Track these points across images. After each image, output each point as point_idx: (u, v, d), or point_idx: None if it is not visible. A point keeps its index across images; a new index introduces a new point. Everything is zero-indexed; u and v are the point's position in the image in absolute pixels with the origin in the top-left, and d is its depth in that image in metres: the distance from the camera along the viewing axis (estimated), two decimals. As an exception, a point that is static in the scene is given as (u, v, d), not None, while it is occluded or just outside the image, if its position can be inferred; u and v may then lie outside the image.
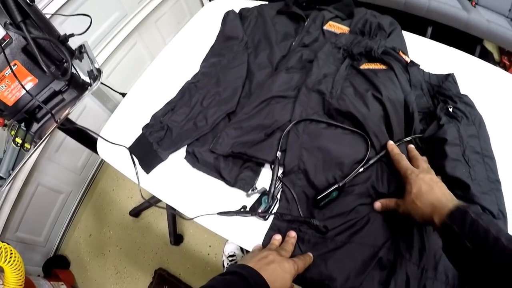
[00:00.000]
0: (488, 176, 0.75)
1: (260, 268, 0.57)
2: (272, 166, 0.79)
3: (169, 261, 1.67)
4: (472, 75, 0.99)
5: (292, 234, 0.70)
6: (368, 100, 0.81)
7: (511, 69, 2.44)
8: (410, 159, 0.73)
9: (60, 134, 1.43)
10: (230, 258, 1.51)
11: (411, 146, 0.77)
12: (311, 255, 0.67)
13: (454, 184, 0.72)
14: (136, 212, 1.73)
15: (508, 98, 0.96)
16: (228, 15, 1.10)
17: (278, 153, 0.78)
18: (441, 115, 0.82)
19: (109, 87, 1.46)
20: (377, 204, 0.70)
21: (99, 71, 1.13)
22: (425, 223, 0.60)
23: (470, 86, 0.92)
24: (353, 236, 0.69)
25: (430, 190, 0.61)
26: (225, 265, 1.53)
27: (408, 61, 0.92)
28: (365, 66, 0.90)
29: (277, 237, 0.70)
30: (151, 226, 1.78)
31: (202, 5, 2.23)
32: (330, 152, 0.77)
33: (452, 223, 0.52)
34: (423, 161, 0.72)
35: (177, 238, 1.64)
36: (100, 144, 0.93)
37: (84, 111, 1.65)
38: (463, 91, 0.90)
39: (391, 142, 0.76)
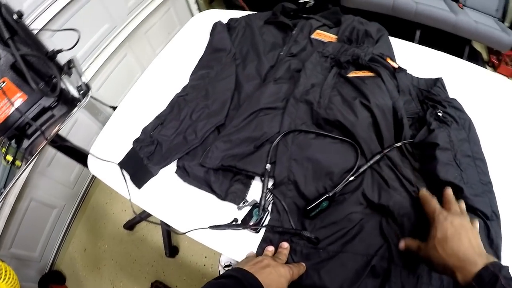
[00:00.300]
0: (480, 179, 0.76)
1: (256, 271, 0.56)
2: (262, 179, 0.78)
3: (165, 273, 1.65)
4: (461, 78, 1.00)
5: (285, 245, 0.69)
6: (356, 108, 0.82)
7: (500, 68, 2.47)
8: (443, 202, 0.66)
9: (52, 149, 1.42)
10: (227, 268, 1.50)
11: (449, 189, 0.68)
12: (304, 264, 0.67)
13: None
14: (130, 225, 1.71)
15: (496, 99, 0.97)
16: (216, 27, 1.10)
17: (268, 165, 0.78)
18: (431, 120, 0.82)
19: (99, 101, 1.46)
20: (402, 243, 0.64)
21: (87, 86, 1.13)
22: (445, 274, 0.54)
23: (458, 89, 0.93)
24: (345, 245, 0.68)
25: (457, 237, 0.54)
26: (222, 275, 1.51)
27: (396, 67, 0.93)
28: (352, 74, 0.91)
29: (270, 249, 0.69)
30: (146, 238, 1.76)
31: (192, 15, 2.24)
32: (320, 162, 0.77)
33: (479, 287, 0.47)
34: (456, 205, 0.64)
35: (172, 250, 1.62)
36: (91, 160, 0.93)
37: (75, 125, 1.64)
38: (452, 94, 0.91)
39: (423, 189, 0.70)
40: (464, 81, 0.99)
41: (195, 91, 0.95)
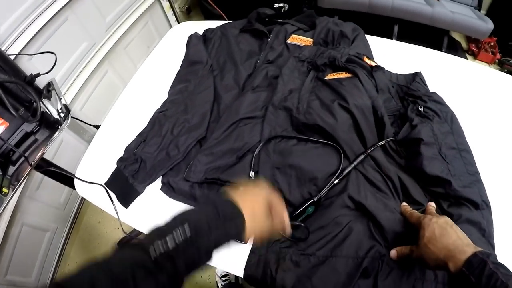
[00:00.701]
0: (467, 170, 0.76)
1: (233, 194, 0.54)
2: None
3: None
4: (441, 70, 1.01)
5: None
6: (335, 111, 0.82)
7: (480, 55, 2.50)
8: (426, 212, 0.69)
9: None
10: (224, 278, 1.49)
11: (432, 204, 0.71)
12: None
13: (435, 182, 0.74)
14: (123, 244, 1.69)
15: (477, 88, 0.98)
16: (191, 39, 1.10)
17: (252, 173, 0.78)
18: (412, 116, 0.83)
19: (82, 121, 1.46)
20: (393, 252, 0.66)
21: (67, 109, 1.12)
22: (438, 268, 0.57)
23: (439, 82, 0.94)
24: (335, 249, 0.68)
25: (444, 233, 0.57)
26: (219, 286, 1.51)
27: (373, 65, 0.93)
28: (330, 76, 0.91)
29: None
30: None
31: (171, 27, 2.24)
32: (302, 168, 0.76)
33: (469, 272, 0.49)
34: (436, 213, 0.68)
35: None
36: (77, 182, 0.92)
37: (61, 146, 1.62)
38: (432, 87, 0.92)
39: (404, 204, 0.72)
40: (444, 73, 1.00)
41: (175, 106, 0.95)
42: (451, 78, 1.00)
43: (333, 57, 0.91)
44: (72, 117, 1.48)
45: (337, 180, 0.75)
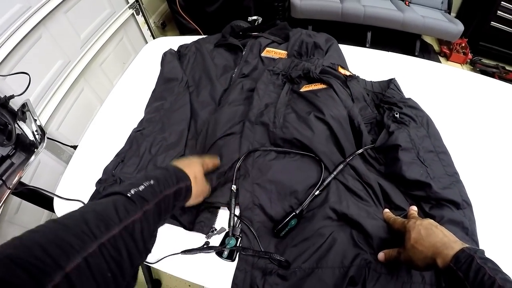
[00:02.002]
0: (446, 171, 0.78)
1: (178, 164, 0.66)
2: (228, 207, 0.78)
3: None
4: (414, 75, 1.04)
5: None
6: (311, 123, 0.82)
7: (452, 57, 2.57)
8: (408, 216, 0.71)
9: (17, 195, 1.37)
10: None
11: (414, 208, 0.73)
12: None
13: (416, 186, 0.75)
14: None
15: (450, 89, 1.01)
16: (166, 57, 1.09)
17: (233, 187, 0.77)
18: (389, 123, 0.84)
19: (58, 142, 1.42)
20: (381, 255, 0.67)
21: (43, 131, 1.10)
22: (427, 268, 0.57)
23: (413, 86, 0.96)
24: (320, 260, 0.68)
25: (430, 233, 0.58)
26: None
27: (347, 74, 0.95)
28: (305, 88, 0.92)
29: None
30: None
31: (146, 43, 2.23)
32: (282, 182, 0.77)
33: (457, 268, 0.49)
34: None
35: (154, 284, 1.57)
36: (56, 202, 0.89)
37: (38, 168, 1.58)
38: (407, 92, 0.94)
39: (386, 210, 0.74)
40: (418, 78, 1.03)
41: (151, 125, 0.94)
42: (425, 82, 1.03)
43: (307, 69, 0.92)
44: (48, 138, 1.45)
45: (318, 192, 0.75)
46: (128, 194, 0.50)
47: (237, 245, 0.74)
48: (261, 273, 0.69)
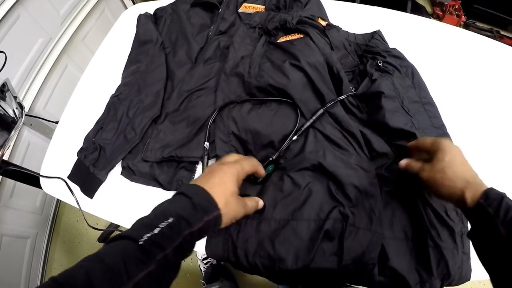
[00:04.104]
0: (432, 123, 0.76)
1: (203, 183, 0.53)
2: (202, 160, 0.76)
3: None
4: (405, 31, 0.99)
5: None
6: (287, 70, 0.79)
7: (445, 19, 2.49)
8: (415, 150, 0.66)
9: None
10: (205, 261, 1.48)
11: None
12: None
13: (400, 135, 0.72)
14: (103, 238, 1.67)
15: (442, 46, 0.98)
16: (140, 19, 1.05)
17: (206, 144, 0.75)
18: (372, 71, 0.81)
19: (42, 119, 1.41)
20: (402, 162, 0.63)
21: (21, 106, 1.08)
22: (449, 197, 0.54)
23: (403, 41, 0.91)
24: (295, 212, 0.67)
25: (464, 163, 0.54)
26: (202, 269, 1.50)
27: (325, 24, 0.91)
28: (282, 39, 0.88)
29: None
30: None
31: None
32: (259, 133, 0.75)
33: (487, 204, 0.47)
34: None
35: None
36: (43, 180, 0.89)
37: (29, 149, 1.57)
38: (394, 45, 0.89)
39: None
40: (409, 33, 0.99)
41: (128, 88, 0.91)
42: (416, 37, 0.99)
43: (284, 20, 0.89)
44: (33, 116, 1.44)
45: (295, 137, 0.73)
46: (140, 241, 0.41)
47: None
48: (235, 225, 0.68)
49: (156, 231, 0.43)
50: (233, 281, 1.49)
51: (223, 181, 0.54)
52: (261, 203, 0.65)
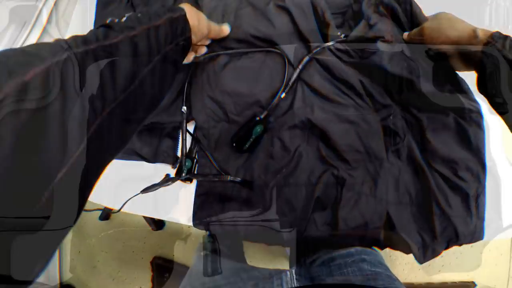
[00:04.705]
0: None
1: None
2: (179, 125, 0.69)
3: (160, 246, 1.60)
4: None
5: None
6: (272, 15, 0.66)
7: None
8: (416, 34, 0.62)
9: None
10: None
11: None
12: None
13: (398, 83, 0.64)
14: (104, 216, 1.62)
15: None
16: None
17: (183, 108, 0.67)
18: (369, 13, 0.67)
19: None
20: (405, 34, 0.64)
21: None
22: (455, 39, 0.53)
23: None
24: (287, 178, 0.61)
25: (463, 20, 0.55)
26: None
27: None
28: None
29: None
30: (126, 221, 1.67)
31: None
32: (239, 92, 0.65)
33: (501, 36, 0.48)
34: None
35: (157, 223, 1.54)
36: None
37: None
38: None
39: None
40: None
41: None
42: None
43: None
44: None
45: (283, 94, 0.64)
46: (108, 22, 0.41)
47: (193, 168, 0.67)
48: (218, 198, 0.64)
49: (123, 20, 0.43)
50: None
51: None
52: (224, 27, 0.65)
